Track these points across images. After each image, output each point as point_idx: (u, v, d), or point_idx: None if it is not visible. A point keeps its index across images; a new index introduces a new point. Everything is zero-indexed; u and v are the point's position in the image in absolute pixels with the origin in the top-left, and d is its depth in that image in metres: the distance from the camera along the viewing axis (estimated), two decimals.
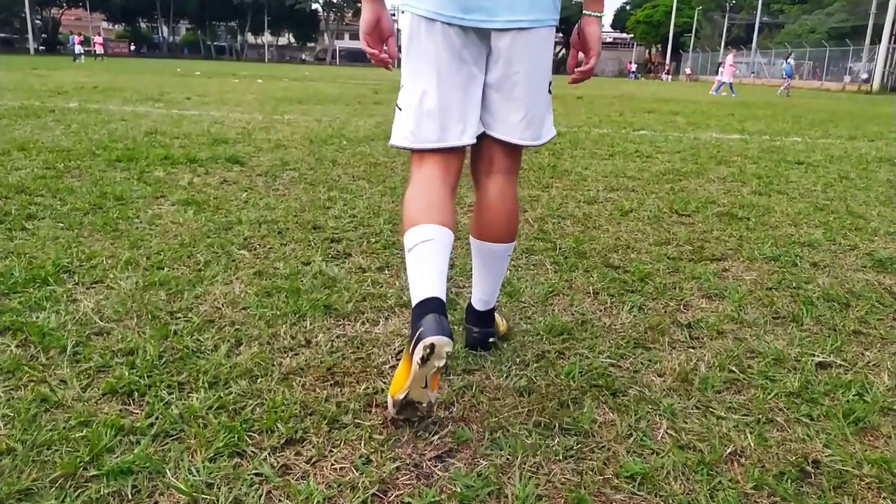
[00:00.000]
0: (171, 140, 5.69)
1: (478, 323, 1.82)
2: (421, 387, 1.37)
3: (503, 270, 1.80)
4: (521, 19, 1.51)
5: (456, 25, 1.50)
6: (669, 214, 3.66)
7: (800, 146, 7.17)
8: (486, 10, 1.49)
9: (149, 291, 2.15)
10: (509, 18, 1.50)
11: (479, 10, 1.48)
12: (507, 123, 1.61)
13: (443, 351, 1.32)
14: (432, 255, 1.47)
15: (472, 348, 1.81)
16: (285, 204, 3.51)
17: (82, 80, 14.86)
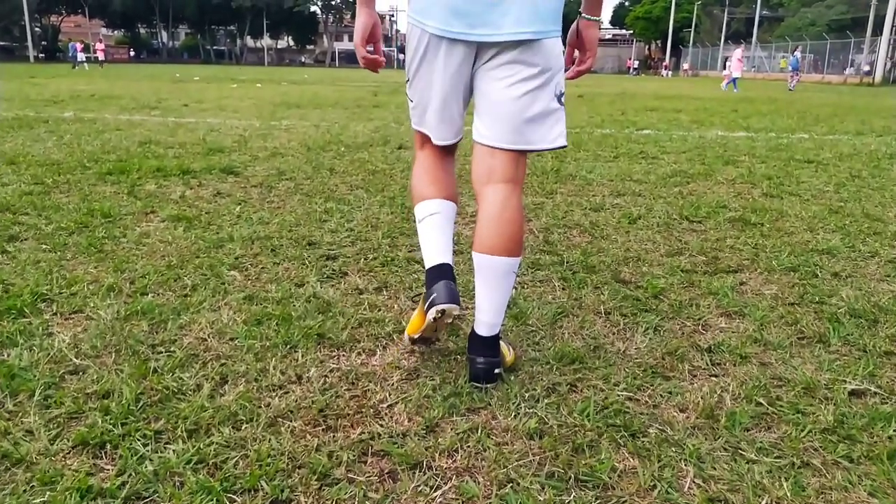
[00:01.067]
0: (165, 150, 5.56)
1: (483, 351, 1.67)
2: (432, 331, 1.74)
3: (509, 289, 1.68)
4: (525, 31, 1.52)
5: (462, 41, 1.56)
6: (679, 221, 3.52)
7: (808, 144, 7.01)
8: (492, 24, 1.51)
9: (130, 322, 2.02)
10: (514, 31, 1.52)
11: (484, 24, 1.52)
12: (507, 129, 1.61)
13: (451, 314, 1.65)
14: (440, 227, 1.72)
15: (477, 381, 1.66)
16: (280, 218, 3.38)
17: (80, 89, 14.75)
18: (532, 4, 1.51)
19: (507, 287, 1.67)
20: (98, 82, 18.56)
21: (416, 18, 1.61)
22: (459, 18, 1.52)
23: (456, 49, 1.57)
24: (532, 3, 1.51)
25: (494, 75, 1.58)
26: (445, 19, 1.54)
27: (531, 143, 1.62)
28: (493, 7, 1.50)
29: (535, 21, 1.52)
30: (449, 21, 1.54)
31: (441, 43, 1.58)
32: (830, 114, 11.74)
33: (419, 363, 1.80)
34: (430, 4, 1.56)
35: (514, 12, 1.50)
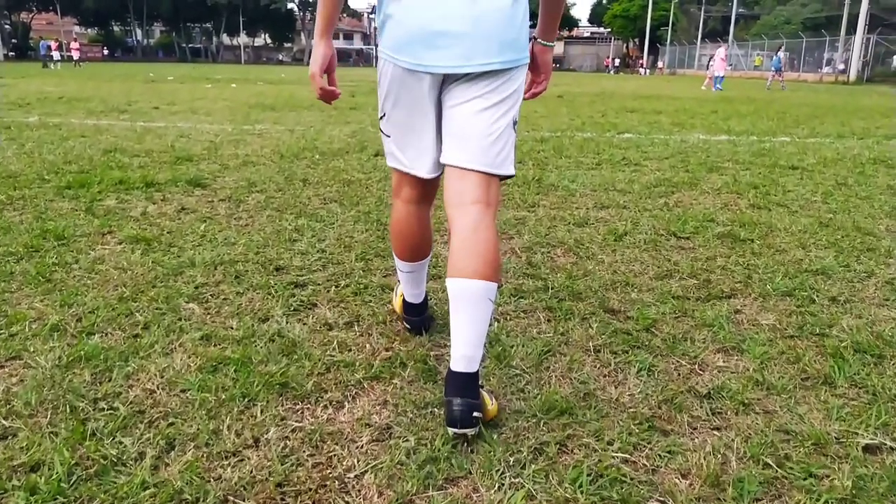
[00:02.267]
0: (130, 159, 5.32)
1: (460, 392, 1.53)
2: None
3: (486, 318, 1.58)
4: (493, 61, 1.58)
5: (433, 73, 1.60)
6: (667, 237, 3.38)
7: (790, 148, 6.93)
8: (462, 56, 1.56)
9: (72, 370, 1.82)
10: (483, 62, 1.57)
11: (454, 56, 1.56)
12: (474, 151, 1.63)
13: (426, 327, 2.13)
14: (414, 281, 2.06)
15: (453, 426, 1.51)
16: (246, 237, 3.18)
17: (48, 90, 14.33)
18: (498, 36, 1.56)
19: (485, 316, 1.58)
20: (68, 83, 18.09)
21: (387, 53, 1.65)
22: (430, 52, 1.57)
23: (428, 81, 1.62)
24: (498, 35, 1.56)
25: (462, 100, 1.63)
26: (417, 54, 1.59)
27: (494, 166, 1.65)
28: (460, 40, 1.55)
29: (503, 52, 1.58)
30: (420, 55, 1.58)
31: (414, 76, 1.62)
32: (810, 114, 11.74)
33: (392, 417, 1.63)
34: (401, 40, 1.60)
35: (481, 45, 1.56)
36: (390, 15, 1.61)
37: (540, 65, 1.81)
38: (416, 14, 1.57)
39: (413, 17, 1.57)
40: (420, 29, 1.57)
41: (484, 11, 1.53)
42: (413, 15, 1.57)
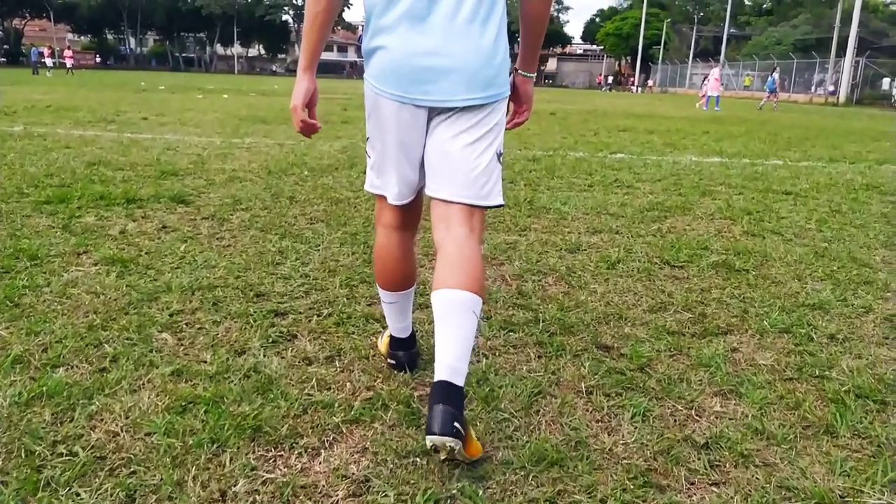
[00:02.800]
0: (113, 173, 5.20)
1: (443, 399, 1.47)
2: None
3: (471, 331, 1.58)
4: (475, 96, 1.63)
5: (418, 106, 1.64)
6: (661, 266, 3.30)
7: (783, 172, 6.91)
8: (445, 91, 1.61)
9: (32, 408, 1.71)
10: (466, 97, 1.62)
11: (438, 91, 1.61)
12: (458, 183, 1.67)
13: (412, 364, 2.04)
14: (399, 312, 1.99)
15: (431, 433, 1.44)
16: (228, 260, 3.07)
17: (37, 98, 14.19)
18: (481, 73, 1.62)
19: (469, 328, 1.58)
20: (58, 90, 17.95)
21: (372, 83, 1.69)
22: (415, 85, 1.62)
23: (412, 112, 1.65)
24: (481, 71, 1.62)
25: (447, 135, 1.67)
26: (402, 86, 1.63)
27: (479, 197, 1.69)
28: (445, 75, 1.60)
29: (485, 87, 1.63)
30: (405, 87, 1.62)
31: (397, 107, 1.65)
32: (801, 137, 11.77)
33: (370, 468, 1.52)
34: (387, 71, 1.64)
35: (464, 80, 1.61)
36: (377, 47, 1.65)
37: (521, 95, 1.84)
38: (402, 48, 1.61)
39: (399, 50, 1.61)
40: (405, 63, 1.61)
41: (467, 49, 1.60)
42: (399, 49, 1.61)
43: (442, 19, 1.58)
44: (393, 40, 1.61)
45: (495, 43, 1.63)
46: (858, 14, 35.34)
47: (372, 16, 1.64)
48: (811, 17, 54.07)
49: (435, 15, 1.58)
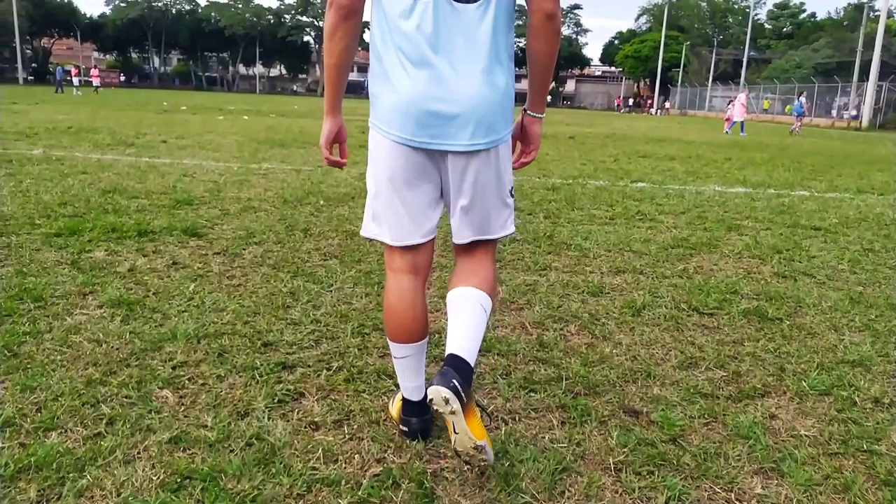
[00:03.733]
0: (128, 201, 5.15)
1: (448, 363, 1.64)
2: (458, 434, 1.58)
3: (481, 322, 1.75)
4: (480, 142, 1.67)
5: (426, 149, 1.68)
6: (689, 313, 3.14)
7: (810, 204, 6.71)
8: (451, 136, 1.65)
9: (17, 483, 1.59)
10: (470, 142, 1.66)
11: (444, 136, 1.65)
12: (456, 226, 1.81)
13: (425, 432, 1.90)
14: (412, 369, 1.86)
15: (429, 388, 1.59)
16: (237, 302, 2.96)
17: (59, 118, 14.35)
18: (491, 118, 1.67)
19: (479, 319, 1.74)
20: (81, 111, 18.18)
21: (378, 126, 1.72)
22: (422, 129, 1.65)
23: (420, 155, 1.69)
24: (491, 117, 1.67)
25: (458, 178, 1.72)
26: (409, 129, 1.65)
27: (492, 232, 1.82)
28: (451, 121, 1.64)
29: (489, 132, 1.67)
30: (413, 131, 1.65)
31: (405, 150, 1.68)
32: (826, 165, 11.54)
33: None
34: (394, 115, 1.66)
35: (470, 126, 1.65)
36: (384, 91, 1.68)
37: (529, 135, 1.84)
38: (409, 92, 1.63)
39: (406, 94, 1.64)
40: (413, 107, 1.64)
41: (474, 94, 1.63)
42: (406, 93, 1.64)
43: (449, 63, 1.62)
44: (400, 83, 1.64)
45: (502, 86, 1.68)
46: (882, 38, 35.01)
47: (378, 58, 1.69)
48: (832, 40, 53.72)
49: (442, 58, 1.62)
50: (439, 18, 1.60)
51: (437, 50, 1.61)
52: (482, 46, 1.63)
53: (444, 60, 1.61)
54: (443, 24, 1.60)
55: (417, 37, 1.61)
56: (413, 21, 1.61)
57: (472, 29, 1.62)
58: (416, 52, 1.61)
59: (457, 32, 1.61)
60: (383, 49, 1.67)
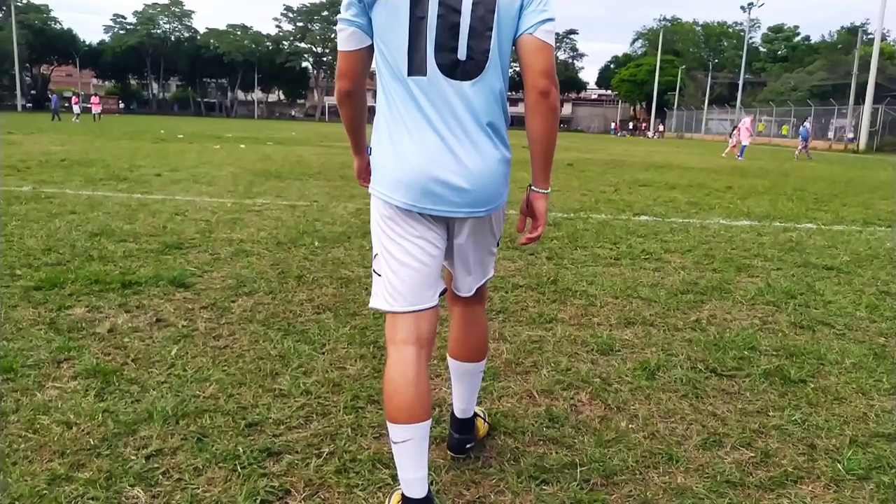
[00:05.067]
0: (115, 246, 4.96)
1: (458, 430, 2.15)
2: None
3: (477, 384, 2.16)
4: (480, 209, 1.75)
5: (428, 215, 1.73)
6: (706, 375, 2.94)
7: (818, 239, 6.53)
8: (451, 203, 1.71)
9: None
10: (470, 210, 1.73)
11: (444, 202, 1.70)
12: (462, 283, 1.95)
13: None
14: (413, 455, 1.74)
15: (451, 451, 2.16)
16: (221, 370, 2.76)
17: (53, 150, 14.22)
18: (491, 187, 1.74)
19: (476, 381, 2.14)
20: (76, 140, 18.08)
21: (380, 191, 1.75)
22: (425, 196, 1.69)
23: (422, 220, 1.74)
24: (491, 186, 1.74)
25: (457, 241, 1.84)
26: (412, 196, 1.70)
27: (484, 276, 1.98)
28: (454, 191, 1.69)
29: (490, 200, 1.76)
30: (416, 198, 1.70)
31: (408, 215, 1.73)
32: (829, 192, 11.40)
33: None
34: (397, 182, 1.70)
35: (472, 194, 1.71)
36: (388, 157, 1.72)
37: (535, 211, 1.85)
38: (415, 161, 1.68)
39: (412, 163, 1.68)
40: (419, 175, 1.68)
41: (475, 164, 1.69)
42: (412, 161, 1.68)
43: (451, 134, 1.67)
44: (404, 152, 1.68)
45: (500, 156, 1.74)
46: (876, 61, 35.21)
47: (383, 123, 1.73)
48: (826, 63, 54.14)
49: (444, 130, 1.67)
50: (439, 93, 1.66)
51: (439, 122, 1.67)
52: (480, 118, 1.69)
53: (446, 131, 1.67)
54: (442, 99, 1.67)
55: (420, 108, 1.67)
56: (414, 93, 1.66)
57: (470, 104, 1.68)
58: (419, 122, 1.67)
59: (457, 106, 1.67)
60: (388, 115, 1.72)
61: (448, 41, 1.62)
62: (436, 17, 1.61)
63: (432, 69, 1.63)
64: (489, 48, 1.65)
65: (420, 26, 1.62)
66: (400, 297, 1.76)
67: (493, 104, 1.71)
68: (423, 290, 1.77)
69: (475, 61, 1.65)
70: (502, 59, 1.69)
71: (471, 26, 1.62)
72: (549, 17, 1.65)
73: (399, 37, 1.63)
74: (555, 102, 1.68)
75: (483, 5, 1.62)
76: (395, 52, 1.65)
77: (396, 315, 1.78)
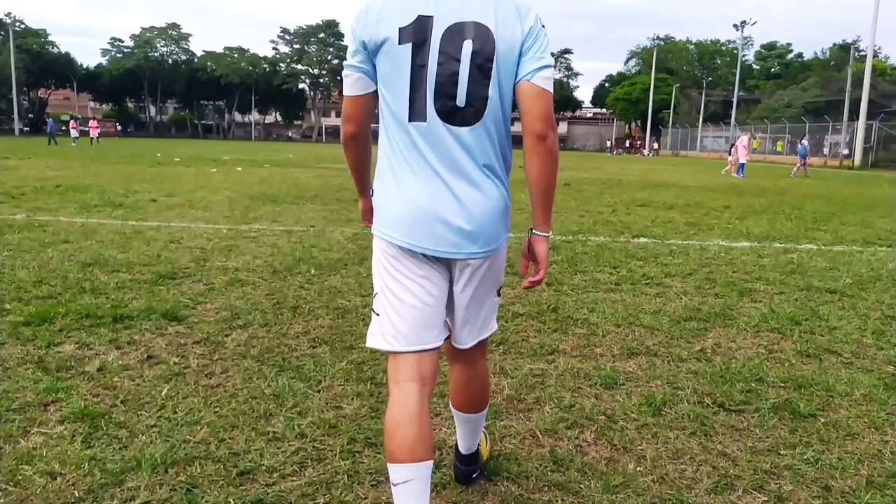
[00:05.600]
0: (108, 277, 4.87)
1: (463, 462, 2.20)
2: None
3: (480, 427, 2.17)
4: (478, 252, 1.76)
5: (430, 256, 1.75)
6: (714, 410, 2.85)
7: (820, 261, 6.47)
8: (452, 244, 1.72)
9: None
10: (470, 251, 1.75)
11: (446, 243, 1.72)
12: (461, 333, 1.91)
13: None
14: (415, 497, 1.69)
15: (458, 481, 2.20)
16: (213, 412, 2.67)
17: (49, 175, 14.18)
18: (490, 228, 1.76)
19: (479, 426, 2.15)
20: (73, 165, 18.05)
21: (382, 231, 1.78)
22: (427, 237, 1.72)
23: (424, 261, 1.76)
24: (490, 227, 1.76)
25: (458, 285, 1.83)
26: (415, 236, 1.72)
27: (484, 333, 1.96)
28: (456, 232, 1.72)
29: (489, 242, 1.78)
30: (418, 238, 1.72)
31: (409, 255, 1.76)
32: (827, 211, 11.37)
33: None
34: (399, 222, 1.74)
35: (474, 237, 1.74)
36: (391, 197, 1.75)
37: (536, 254, 1.84)
38: (418, 202, 1.71)
39: (414, 203, 1.71)
40: (421, 216, 1.71)
41: (480, 210, 1.73)
42: (414, 202, 1.71)
43: (453, 177, 1.70)
44: (407, 192, 1.72)
45: (500, 197, 1.77)
46: (869, 77, 35.46)
47: (386, 164, 1.76)
48: (820, 80, 54.57)
49: (446, 173, 1.70)
50: (438, 138, 1.69)
51: (440, 165, 1.70)
52: (479, 162, 1.72)
53: (447, 174, 1.70)
54: (442, 144, 1.70)
55: (421, 153, 1.70)
56: (415, 138, 1.70)
57: (468, 148, 1.71)
58: (420, 165, 1.71)
59: (455, 151, 1.70)
60: (391, 158, 1.75)
61: (447, 89, 1.67)
62: (436, 65, 1.66)
63: (432, 115, 1.68)
64: (487, 95, 1.69)
65: (421, 74, 1.66)
66: (402, 336, 1.77)
67: (493, 149, 1.75)
68: (426, 330, 1.78)
69: (474, 108, 1.69)
70: (503, 105, 1.73)
71: (470, 74, 1.67)
72: (547, 64, 1.70)
73: (401, 84, 1.68)
74: (552, 146, 1.71)
75: (482, 54, 1.66)
76: (397, 98, 1.70)
77: (398, 355, 1.79)
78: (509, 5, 1.69)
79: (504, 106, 1.73)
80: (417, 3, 1.66)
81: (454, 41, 1.65)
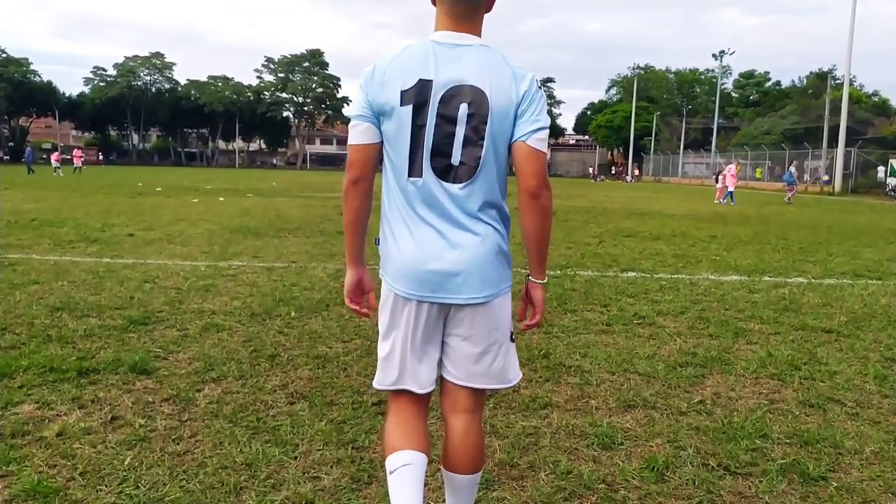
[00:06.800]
0: (76, 323, 4.63)
1: None
2: None
3: (472, 497, 2.03)
4: (476, 296, 1.82)
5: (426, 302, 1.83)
6: (720, 473, 2.68)
7: (811, 296, 6.36)
8: (450, 290, 1.80)
9: None
10: (468, 297, 1.81)
11: (444, 290, 1.80)
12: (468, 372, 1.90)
13: None
14: (413, 479, 1.81)
15: None
16: (178, 486, 2.44)
17: (25, 208, 13.86)
18: (482, 274, 1.81)
19: (471, 495, 2.02)
20: (50, 196, 17.73)
21: (387, 281, 1.87)
22: (423, 285, 1.80)
23: (423, 308, 1.83)
24: (482, 273, 1.80)
25: (459, 333, 1.87)
26: (412, 285, 1.81)
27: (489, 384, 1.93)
28: (451, 278, 1.79)
29: (486, 286, 1.82)
30: (415, 286, 1.81)
31: (409, 303, 1.83)
32: (813, 240, 11.35)
33: None
34: (399, 272, 1.83)
35: (469, 282, 1.79)
36: (391, 249, 1.85)
37: (532, 300, 1.95)
38: (413, 253, 1.80)
39: (410, 254, 1.80)
40: (416, 265, 1.79)
41: (470, 255, 1.79)
42: (409, 252, 1.80)
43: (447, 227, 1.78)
44: (403, 244, 1.81)
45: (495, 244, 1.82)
46: (847, 105, 36.09)
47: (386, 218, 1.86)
48: (797, 107, 55.57)
49: (441, 223, 1.78)
50: (432, 194, 1.78)
51: (434, 219, 1.78)
52: (474, 214, 1.80)
53: (441, 225, 1.78)
54: (435, 200, 1.78)
55: (416, 208, 1.79)
56: (412, 193, 1.79)
57: (461, 204, 1.79)
58: (415, 220, 1.80)
59: (449, 207, 1.78)
60: (391, 211, 1.85)
61: (444, 148, 1.76)
62: (433, 126, 1.75)
63: (427, 172, 1.77)
64: (481, 155, 1.77)
65: (420, 134, 1.76)
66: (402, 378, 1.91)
67: (486, 205, 1.82)
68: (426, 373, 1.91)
69: (467, 167, 1.77)
70: (497, 163, 1.81)
71: (465, 136, 1.76)
72: (542, 126, 1.78)
73: (402, 142, 1.77)
74: (545, 203, 1.79)
75: (477, 117, 1.75)
76: (398, 156, 1.79)
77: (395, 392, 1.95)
78: (506, 69, 1.77)
79: (499, 164, 1.81)
80: (419, 67, 1.75)
81: (451, 104, 1.74)
